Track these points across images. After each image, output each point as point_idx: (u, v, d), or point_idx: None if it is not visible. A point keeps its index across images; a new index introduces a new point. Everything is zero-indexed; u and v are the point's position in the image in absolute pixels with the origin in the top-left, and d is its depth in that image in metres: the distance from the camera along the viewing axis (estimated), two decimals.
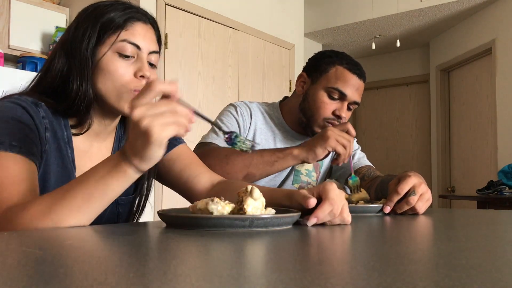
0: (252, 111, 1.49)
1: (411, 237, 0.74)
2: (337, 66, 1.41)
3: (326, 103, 1.40)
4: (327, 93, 1.40)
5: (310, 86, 1.45)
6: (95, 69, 0.93)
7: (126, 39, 0.94)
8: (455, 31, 5.00)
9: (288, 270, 0.43)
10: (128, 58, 0.94)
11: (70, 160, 0.96)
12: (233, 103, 1.51)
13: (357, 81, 1.40)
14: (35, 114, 0.90)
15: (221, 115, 1.48)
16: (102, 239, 0.67)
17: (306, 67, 1.51)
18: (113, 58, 0.93)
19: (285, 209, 0.85)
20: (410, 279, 0.37)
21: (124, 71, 0.93)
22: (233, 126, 1.43)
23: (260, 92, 4.07)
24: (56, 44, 1.00)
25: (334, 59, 1.42)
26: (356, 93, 1.41)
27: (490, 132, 4.49)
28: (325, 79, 1.41)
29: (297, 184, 1.52)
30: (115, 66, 0.93)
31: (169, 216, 0.78)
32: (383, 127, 6.02)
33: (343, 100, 1.40)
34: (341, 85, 1.38)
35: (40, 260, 0.47)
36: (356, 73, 1.40)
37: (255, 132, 1.48)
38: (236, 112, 1.46)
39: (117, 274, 0.40)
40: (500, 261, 0.49)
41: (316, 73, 1.44)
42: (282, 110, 1.54)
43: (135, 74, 0.94)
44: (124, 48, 0.93)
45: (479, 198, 3.55)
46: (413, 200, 1.06)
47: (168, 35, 3.32)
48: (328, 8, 5.05)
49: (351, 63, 1.42)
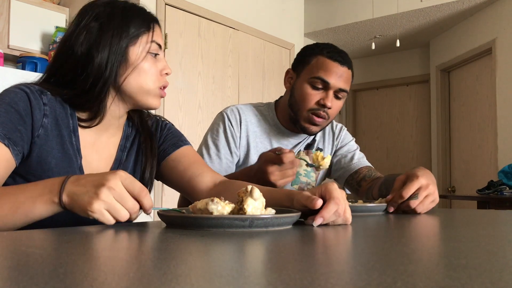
0: (243, 117, 1.48)
1: (411, 237, 0.74)
2: (318, 56, 1.40)
3: (309, 94, 1.39)
4: (310, 84, 1.39)
5: (295, 81, 1.45)
6: (126, 66, 0.98)
7: (155, 40, 1.02)
8: (455, 31, 5.00)
9: (288, 270, 0.43)
10: (155, 57, 1.02)
11: (75, 148, 0.99)
12: (222, 112, 1.50)
13: (339, 68, 1.38)
14: (36, 100, 0.94)
15: (211, 131, 1.49)
16: (102, 239, 0.67)
17: (292, 63, 1.51)
18: (147, 58, 1.00)
19: (285, 209, 0.85)
20: (410, 279, 0.37)
21: (156, 70, 1.02)
22: (221, 143, 1.44)
23: (260, 92, 4.07)
24: (69, 38, 1.01)
25: (316, 50, 1.42)
26: (340, 80, 1.38)
27: (490, 132, 4.49)
28: (307, 71, 1.41)
29: (296, 185, 1.52)
30: (149, 65, 1.01)
31: (169, 216, 0.78)
32: (383, 127, 6.02)
33: (327, 89, 1.38)
34: (323, 74, 1.37)
35: (40, 260, 0.47)
36: (337, 60, 1.39)
37: (248, 137, 1.47)
38: (224, 124, 1.46)
39: (117, 274, 0.40)
40: (500, 261, 0.49)
41: (299, 67, 1.45)
42: (277, 110, 1.53)
43: (161, 71, 1.03)
44: (155, 48, 1.02)
45: (479, 198, 3.55)
46: (413, 204, 1.07)
47: (168, 35, 3.32)
48: (328, 8, 5.05)
49: (332, 51, 1.40)
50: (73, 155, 0.98)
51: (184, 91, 3.42)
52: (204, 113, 3.55)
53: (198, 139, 3.69)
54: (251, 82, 4.01)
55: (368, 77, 5.92)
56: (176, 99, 3.35)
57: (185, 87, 3.43)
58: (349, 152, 1.58)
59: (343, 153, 1.58)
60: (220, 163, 1.43)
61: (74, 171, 0.98)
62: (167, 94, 1.05)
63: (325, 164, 1.23)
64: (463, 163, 5.01)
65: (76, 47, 0.97)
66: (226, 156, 1.44)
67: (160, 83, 1.02)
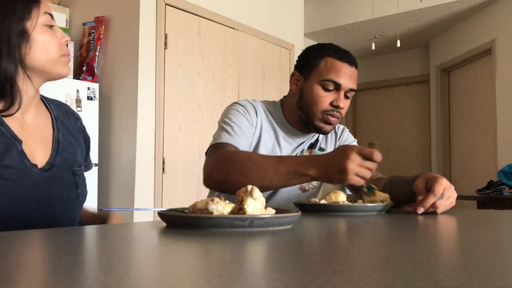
0: (257, 109, 1.49)
1: (411, 237, 0.74)
2: (326, 58, 1.41)
3: (322, 96, 1.40)
4: (321, 86, 1.40)
5: (304, 83, 1.45)
6: (28, 44, 1.00)
7: (46, 11, 1.03)
8: (455, 31, 5.00)
9: (288, 270, 0.43)
10: (52, 28, 1.04)
11: (10, 136, 0.99)
12: (238, 102, 1.50)
13: (348, 69, 1.41)
14: None
15: (228, 113, 1.45)
16: (102, 239, 0.67)
17: (296, 65, 1.51)
18: (45, 30, 1.02)
19: (285, 209, 0.85)
20: (410, 279, 0.37)
21: (56, 40, 1.04)
22: (243, 124, 1.42)
23: (260, 92, 4.07)
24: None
25: (322, 52, 1.43)
26: (350, 80, 1.41)
27: (490, 132, 4.49)
28: (317, 73, 1.42)
29: (298, 184, 1.52)
30: (49, 37, 1.02)
31: (169, 216, 0.78)
32: (383, 127, 6.02)
33: (338, 90, 1.40)
34: (334, 76, 1.39)
35: (40, 260, 0.47)
36: (346, 61, 1.41)
37: (261, 130, 1.48)
38: (245, 110, 1.45)
39: (117, 274, 0.40)
40: (500, 261, 0.49)
41: (307, 69, 1.45)
42: (283, 109, 1.54)
43: (60, 40, 1.05)
44: (49, 20, 1.03)
45: (479, 198, 3.55)
46: (439, 204, 1.07)
47: (168, 35, 3.32)
48: (328, 8, 5.05)
49: (339, 52, 1.42)
50: (11, 143, 0.98)
51: (184, 91, 3.42)
52: (204, 113, 3.55)
53: (198, 139, 3.71)
54: (251, 82, 4.01)
55: (368, 77, 5.92)
56: (176, 99, 3.35)
57: (185, 87, 3.43)
58: None
59: None
60: (244, 137, 1.39)
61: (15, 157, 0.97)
62: (167, 94, 1.05)
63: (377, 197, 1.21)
64: (463, 163, 5.02)
65: None
66: (249, 131, 1.42)
67: (62, 51, 1.05)
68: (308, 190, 1.53)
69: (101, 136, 3.25)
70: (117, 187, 3.21)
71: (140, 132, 3.14)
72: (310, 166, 1.14)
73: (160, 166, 3.22)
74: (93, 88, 3.18)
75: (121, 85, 3.24)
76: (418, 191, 1.13)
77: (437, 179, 1.11)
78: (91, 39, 3.32)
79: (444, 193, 1.09)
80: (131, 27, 3.20)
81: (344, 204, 1.12)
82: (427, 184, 1.13)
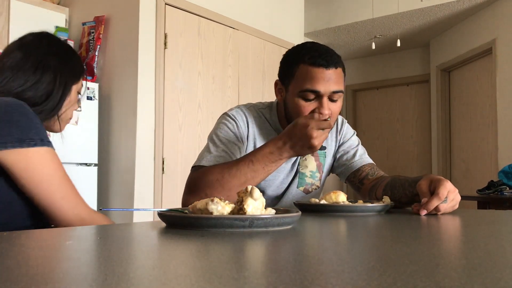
0: (249, 118, 1.45)
1: (411, 237, 0.74)
2: (300, 65, 1.32)
3: (303, 107, 1.31)
4: (301, 97, 1.31)
5: (286, 95, 1.38)
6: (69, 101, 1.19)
7: (82, 82, 1.26)
8: (455, 31, 5.00)
9: (288, 270, 0.43)
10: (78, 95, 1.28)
11: None
12: (228, 113, 1.45)
13: (325, 72, 1.28)
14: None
15: (217, 129, 1.43)
16: (102, 239, 0.67)
17: (279, 72, 1.44)
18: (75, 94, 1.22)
19: (285, 209, 0.85)
20: (410, 279, 0.37)
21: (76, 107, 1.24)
22: (230, 140, 1.39)
23: (260, 92, 4.07)
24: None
25: (296, 58, 1.34)
26: (329, 84, 1.29)
27: (490, 132, 4.49)
28: (294, 84, 1.33)
29: (302, 187, 1.52)
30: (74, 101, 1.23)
31: (169, 216, 0.78)
32: (383, 127, 6.02)
33: (320, 97, 1.30)
34: (310, 85, 1.29)
35: (40, 260, 0.47)
36: (321, 65, 1.28)
37: (255, 140, 1.45)
38: (234, 124, 1.42)
39: (117, 274, 0.40)
40: (500, 261, 0.49)
41: (286, 80, 1.38)
42: (278, 112, 1.51)
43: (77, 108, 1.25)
44: (80, 89, 1.25)
45: (480, 198, 3.55)
46: (442, 208, 1.07)
47: (168, 35, 3.32)
48: (328, 8, 5.05)
49: (314, 56, 1.30)
50: None
51: (184, 91, 3.42)
52: (204, 113, 3.55)
53: (198, 139, 3.71)
54: (251, 82, 4.01)
55: (368, 77, 5.92)
56: (176, 99, 3.35)
57: (185, 87, 3.43)
58: (351, 148, 1.57)
59: (345, 149, 1.58)
60: (231, 154, 1.36)
61: None
62: (167, 93, 1.07)
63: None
64: (463, 163, 5.02)
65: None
66: (238, 147, 1.39)
67: (72, 116, 1.24)
68: (311, 191, 1.52)
69: (100, 136, 3.25)
70: (117, 187, 3.21)
71: (139, 132, 3.14)
72: (284, 152, 1.24)
73: (160, 166, 3.22)
74: (92, 88, 3.18)
75: (120, 85, 3.24)
76: (421, 193, 1.13)
77: (441, 182, 1.10)
78: (90, 39, 3.32)
79: (448, 196, 1.08)
80: (130, 27, 3.20)
81: (344, 204, 1.12)
82: (430, 186, 1.12)
